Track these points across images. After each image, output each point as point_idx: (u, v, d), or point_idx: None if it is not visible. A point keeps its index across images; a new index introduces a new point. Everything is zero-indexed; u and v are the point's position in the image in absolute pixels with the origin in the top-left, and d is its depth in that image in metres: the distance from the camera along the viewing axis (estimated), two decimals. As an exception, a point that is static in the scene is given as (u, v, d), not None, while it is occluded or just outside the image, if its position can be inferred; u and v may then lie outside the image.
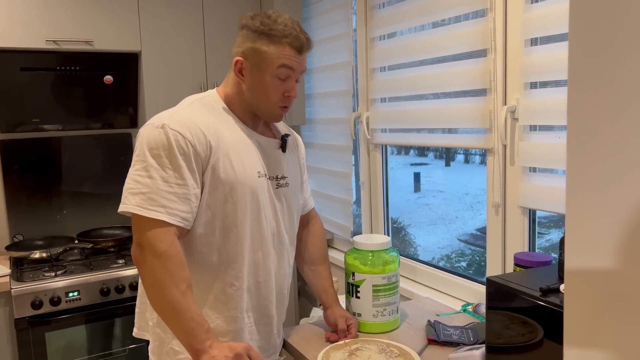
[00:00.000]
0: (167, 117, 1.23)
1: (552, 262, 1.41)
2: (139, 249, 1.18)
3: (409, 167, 9.51)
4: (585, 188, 0.56)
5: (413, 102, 2.01)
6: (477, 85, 1.68)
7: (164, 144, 1.18)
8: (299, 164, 1.50)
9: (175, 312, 1.14)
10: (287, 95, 1.29)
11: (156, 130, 1.19)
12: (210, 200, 1.24)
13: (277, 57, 1.24)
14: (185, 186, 1.19)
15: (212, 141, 1.23)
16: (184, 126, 1.20)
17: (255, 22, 1.25)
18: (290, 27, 1.25)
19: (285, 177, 1.39)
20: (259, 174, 1.30)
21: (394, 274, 1.56)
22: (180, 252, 1.19)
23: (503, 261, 1.67)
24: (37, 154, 2.64)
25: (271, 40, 1.24)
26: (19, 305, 2.14)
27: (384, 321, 1.56)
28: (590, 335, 0.57)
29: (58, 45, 2.36)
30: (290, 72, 1.27)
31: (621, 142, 0.52)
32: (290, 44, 1.25)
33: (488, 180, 1.68)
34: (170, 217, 1.17)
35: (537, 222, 1.65)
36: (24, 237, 2.62)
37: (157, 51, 2.58)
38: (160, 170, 1.17)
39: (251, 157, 1.29)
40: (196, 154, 1.20)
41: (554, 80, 1.46)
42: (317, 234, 1.60)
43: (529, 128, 1.56)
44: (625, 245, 0.52)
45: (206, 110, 1.28)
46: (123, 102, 2.67)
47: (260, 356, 1.15)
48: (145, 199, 1.16)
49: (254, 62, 1.26)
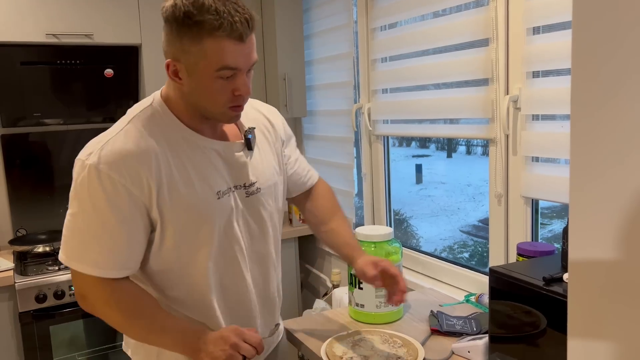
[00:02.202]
0: (97, 149, 1.04)
1: (555, 252, 1.41)
2: (83, 300, 1.10)
3: (410, 158, 9.50)
4: (589, 175, 0.56)
5: (414, 92, 2.00)
6: (479, 75, 1.67)
7: (90, 188, 1.02)
8: (274, 151, 1.28)
9: (153, 336, 1.10)
10: (237, 94, 1.07)
11: (84, 171, 1.03)
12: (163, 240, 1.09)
13: (213, 57, 1.00)
14: (116, 237, 1.04)
15: (152, 176, 1.04)
16: (113, 164, 1.02)
17: (177, 13, 0.99)
18: (222, 12, 0.98)
19: (254, 183, 1.19)
20: (218, 195, 1.12)
21: (397, 265, 1.56)
22: (129, 287, 1.09)
23: (506, 251, 1.67)
24: (39, 148, 2.64)
25: (200, 36, 0.99)
26: (23, 299, 2.15)
27: (387, 312, 1.56)
28: (594, 325, 0.57)
29: (58, 39, 2.35)
30: (234, 71, 1.04)
31: (625, 129, 0.52)
32: (227, 36, 0.99)
33: (490, 170, 1.68)
34: (102, 270, 1.05)
35: (539, 212, 1.64)
36: (27, 232, 2.62)
37: (158, 44, 2.56)
38: (88, 219, 1.03)
39: (206, 176, 1.11)
40: (131, 196, 1.03)
41: (556, 69, 1.45)
42: (320, 194, 1.43)
43: (531, 117, 1.55)
44: (630, 233, 0.52)
45: (146, 129, 1.07)
46: (124, 96, 2.66)
47: (254, 334, 1.10)
48: (75, 251, 1.06)
49: (188, 64, 1.03)
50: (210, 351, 1.06)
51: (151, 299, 1.11)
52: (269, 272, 1.28)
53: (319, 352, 1.35)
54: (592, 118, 0.55)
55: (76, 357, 2.31)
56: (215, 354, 1.06)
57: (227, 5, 1.00)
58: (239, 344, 1.07)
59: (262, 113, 1.30)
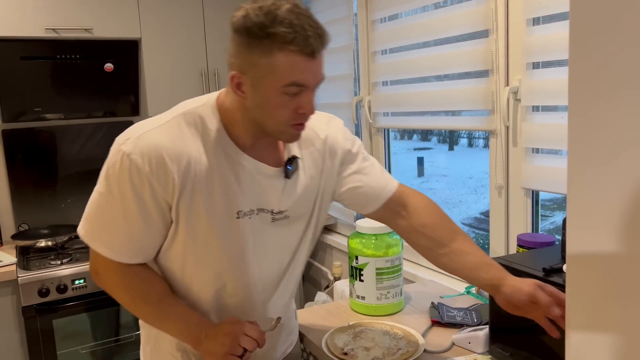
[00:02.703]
0: (135, 137, 1.02)
1: (555, 243, 1.41)
2: (96, 275, 1.11)
3: (412, 151, 9.50)
4: (587, 167, 0.56)
5: (415, 84, 2.00)
6: (479, 66, 1.67)
7: (119, 174, 1.01)
8: (322, 177, 1.19)
9: (157, 322, 1.11)
10: (301, 112, 1.02)
11: (117, 155, 1.02)
12: (172, 243, 1.09)
13: (282, 72, 0.96)
14: (135, 226, 1.04)
15: (179, 178, 1.02)
16: (145, 156, 1.00)
17: (249, 24, 0.95)
18: (296, 26, 0.94)
19: (283, 211, 1.14)
20: (238, 215, 1.08)
21: (397, 257, 1.56)
22: (141, 272, 1.09)
23: (506, 243, 1.68)
24: (40, 143, 2.64)
25: (271, 49, 0.95)
26: (26, 294, 2.16)
27: (388, 304, 1.56)
28: (593, 317, 0.57)
29: (57, 33, 2.35)
30: (301, 88, 1.00)
31: (623, 118, 0.52)
32: (300, 51, 0.95)
33: (491, 162, 1.68)
34: (116, 255, 1.06)
35: (540, 203, 1.64)
36: (29, 226, 2.63)
37: (157, 38, 2.57)
38: (112, 203, 1.03)
39: (232, 193, 1.07)
40: (154, 191, 1.01)
41: (556, 60, 1.45)
42: (421, 208, 1.23)
43: (531, 109, 1.55)
44: (628, 225, 0.52)
45: (188, 130, 1.05)
46: (124, 90, 2.66)
47: (255, 327, 1.09)
48: (94, 229, 1.07)
49: (254, 78, 0.99)
50: (211, 343, 1.07)
51: (160, 285, 1.11)
52: (282, 298, 1.22)
53: (321, 344, 1.35)
54: (590, 109, 0.55)
55: (79, 350, 2.32)
56: (216, 347, 1.07)
57: (301, 19, 0.95)
58: (241, 336, 1.07)
59: (318, 135, 1.19)
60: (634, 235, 0.52)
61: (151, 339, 1.22)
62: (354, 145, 1.24)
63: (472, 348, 1.32)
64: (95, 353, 2.36)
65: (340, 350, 1.31)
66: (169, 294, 1.11)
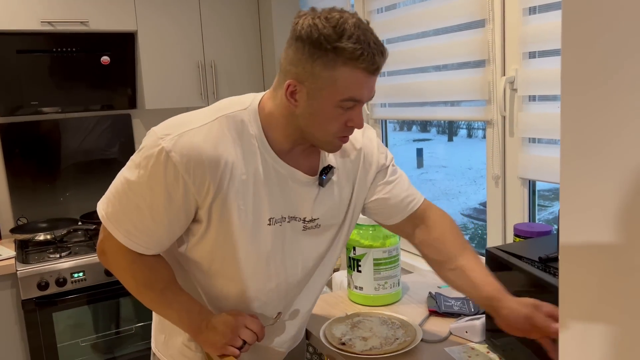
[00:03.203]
0: (177, 134, 1.00)
1: (552, 232, 1.41)
2: (102, 255, 1.10)
3: (411, 143, 9.49)
4: (580, 153, 0.56)
5: (412, 75, 1.99)
6: (476, 56, 1.67)
7: (154, 168, 1.00)
8: (354, 188, 1.20)
9: (159, 308, 1.12)
10: (350, 125, 1.03)
11: (155, 149, 1.00)
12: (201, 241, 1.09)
13: (343, 86, 0.96)
14: (158, 222, 1.03)
15: (215, 182, 1.01)
16: (185, 157, 0.98)
17: (316, 35, 0.93)
18: (363, 42, 0.94)
19: (315, 220, 1.14)
20: (269, 222, 1.08)
21: (395, 248, 1.57)
22: (149, 259, 1.09)
23: (503, 232, 1.68)
24: (37, 136, 2.64)
25: (335, 62, 0.94)
26: (25, 287, 2.17)
27: (386, 294, 1.57)
28: (586, 308, 0.57)
29: (53, 26, 2.34)
30: (357, 103, 1.00)
31: (616, 107, 0.52)
32: (365, 68, 0.95)
33: (488, 152, 1.68)
34: (132, 243, 1.05)
35: (537, 193, 1.65)
36: (28, 220, 2.64)
37: (153, 30, 2.56)
38: (140, 193, 1.02)
39: (266, 200, 1.07)
40: (188, 192, 1.01)
41: (553, 50, 1.44)
42: (438, 223, 1.25)
43: (527, 98, 1.55)
44: (623, 215, 0.52)
45: (230, 134, 1.03)
46: (121, 83, 2.66)
47: (256, 320, 1.11)
48: (116, 213, 1.04)
49: (312, 89, 0.97)
50: (211, 334, 1.08)
51: (167, 273, 1.12)
52: (306, 302, 1.24)
53: (319, 335, 1.36)
54: (583, 98, 0.55)
55: (80, 343, 2.33)
56: (215, 337, 1.08)
57: (367, 35, 0.95)
58: (240, 328, 1.08)
59: (354, 145, 1.20)
60: (628, 223, 0.52)
61: (166, 329, 1.23)
62: (387, 158, 1.24)
63: (469, 337, 1.33)
64: (95, 346, 2.38)
65: (338, 340, 1.32)
66: (174, 282, 1.12)
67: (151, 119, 2.87)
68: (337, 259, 1.26)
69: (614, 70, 0.51)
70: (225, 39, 2.72)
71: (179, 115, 1.07)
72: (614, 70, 0.51)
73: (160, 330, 1.25)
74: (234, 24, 2.73)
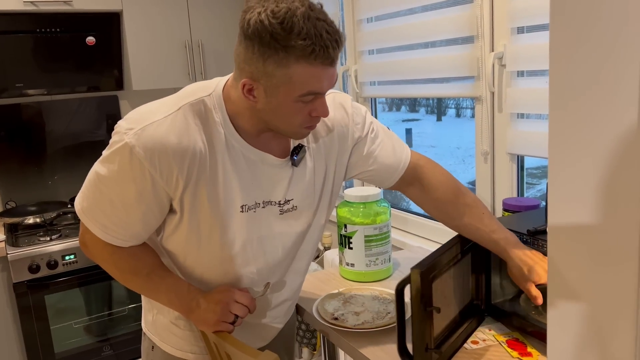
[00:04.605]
0: (139, 128, 0.99)
1: (540, 206, 1.43)
2: (84, 247, 1.11)
3: (400, 123, 9.48)
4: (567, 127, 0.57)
5: (401, 52, 1.99)
6: (465, 32, 1.67)
7: (121, 163, 0.99)
8: (330, 163, 1.18)
9: (148, 293, 1.13)
10: (315, 115, 1.01)
11: (120, 144, 0.99)
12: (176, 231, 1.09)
13: (299, 82, 0.94)
14: (131, 214, 1.03)
15: (183, 173, 1.00)
16: (149, 151, 0.97)
17: (263, 34, 0.90)
18: (314, 36, 0.90)
19: (289, 201, 1.13)
20: (242, 209, 1.07)
21: (385, 224, 1.58)
22: (130, 248, 1.09)
23: (492, 208, 1.70)
24: (23, 119, 2.61)
25: (288, 61, 0.91)
26: (16, 270, 2.17)
27: (377, 270, 1.59)
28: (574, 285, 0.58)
29: (36, 6, 2.30)
30: (317, 95, 0.99)
31: (604, 81, 0.52)
32: (320, 63, 0.93)
33: (477, 128, 1.69)
34: (108, 237, 1.06)
35: (525, 169, 1.66)
36: (17, 204, 2.62)
37: (139, 10, 2.52)
38: (111, 187, 1.02)
39: (237, 188, 1.06)
40: (156, 185, 1.00)
41: (541, 24, 1.45)
42: (439, 183, 1.23)
43: (516, 74, 1.56)
44: (609, 190, 0.53)
45: (194, 123, 1.01)
46: (107, 64, 2.62)
47: (246, 294, 1.11)
48: (90, 207, 1.05)
49: (268, 86, 0.96)
50: (202, 312, 1.09)
51: (150, 258, 1.12)
52: (292, 282, 1.25)
53: (312, 311, 1.38)
54: (571, 73, 0.55)
55: (72, 325, 2.34)
56: (207, 315, 1.08)
57: (318, 27, 0.90)
58: (231, 304, 1.09)
59: (326, 123, 1.16)
60: (615, 200, 0.52)
61: (154, 308, 1.24)
62: (363, 129, 1.20)
63: (459, 310, 1.35)
64: (88, 327, 2.39)
65: (331, 315, 1.33)
66: (159, 266, 1.12)
67: (138, 100, 2.84)
68: (320, 235, 1.25)
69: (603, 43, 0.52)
70: (212, 18, 2.68)
71: (144, 105, 1.06)
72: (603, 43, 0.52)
73: (148, 310, 1.26)
74: (220, 2, 2.70)
